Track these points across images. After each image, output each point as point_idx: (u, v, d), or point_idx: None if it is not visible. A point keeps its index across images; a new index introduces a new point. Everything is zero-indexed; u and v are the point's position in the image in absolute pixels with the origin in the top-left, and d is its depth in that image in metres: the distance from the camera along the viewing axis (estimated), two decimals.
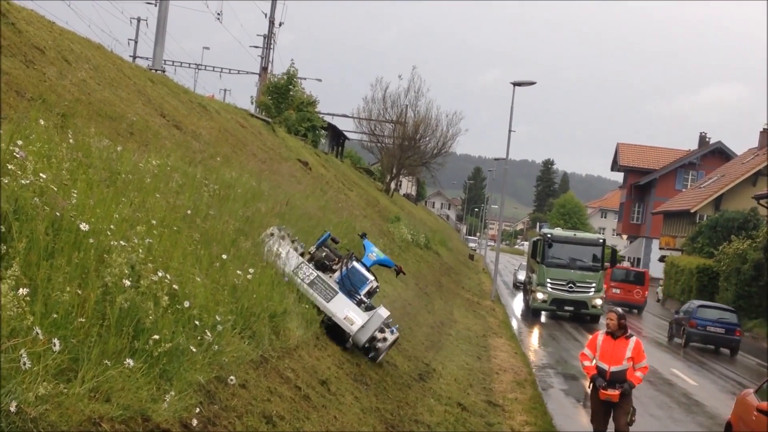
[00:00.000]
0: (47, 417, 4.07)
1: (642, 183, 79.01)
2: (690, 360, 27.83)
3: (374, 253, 12.69)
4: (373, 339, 11.57)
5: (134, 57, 58.28)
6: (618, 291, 45.97)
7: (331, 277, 11.55)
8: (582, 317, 35.39)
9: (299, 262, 11.04)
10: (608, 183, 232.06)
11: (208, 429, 5.77)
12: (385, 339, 11.78)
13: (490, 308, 34.45)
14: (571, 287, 34.42)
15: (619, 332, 11.78)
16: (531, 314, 36.11)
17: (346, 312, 10.90)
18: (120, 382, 4.90)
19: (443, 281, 36.55)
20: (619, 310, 12.01)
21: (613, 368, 11.67)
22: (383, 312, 11.61)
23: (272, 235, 11.12)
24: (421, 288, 27.41)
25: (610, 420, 11.94)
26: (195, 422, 5.55)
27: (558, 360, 23.61)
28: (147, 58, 49.21)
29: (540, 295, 34.84)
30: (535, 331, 31.05)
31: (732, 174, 61.27)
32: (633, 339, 11.81)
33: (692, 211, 59.78)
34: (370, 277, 11.99)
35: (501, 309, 35.69)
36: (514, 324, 31.63)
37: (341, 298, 11.01)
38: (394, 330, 12.10)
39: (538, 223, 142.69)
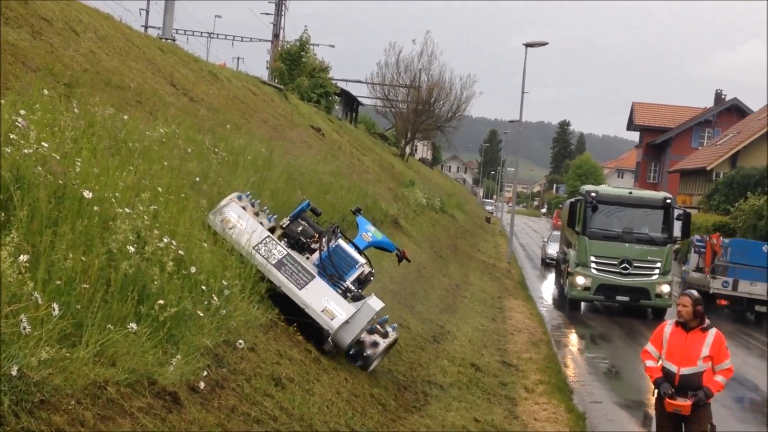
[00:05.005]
0: (51, 381, 4.14)
1: (658, 142, 78.38)
2: (726, 329, 26.86)
3: (369, 233, 10.18)
4: (360, 343, 9.32)
5: (146, 27, 58.10)
6: None
7: (308, 258, 9.25)
8: (642, 311, 25.51)
9: (263, 237, 8.72)
10: (625, 143, 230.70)
11: (216, 392, 5.85)
12: (375, 343, 9.50)
13: (506, 270, 34.44)
14: (625, 268, 24.54)
15: (693, 322, 8.88)
16: (568, 307, 25.92)
17: (324, 303, 8.48)
18: (125, 346, 4.97)
19: (459, 244, 36.53)
20: (695, 293, 9.08)
21: (684, 370, 8.81)
22: (375, 303, 9.06)
23: (230, 203, 8.90)
24: (435, 251, 27.44)
25: None
26: (202, 385, 5.63)
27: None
28: (159, 28, 49.06)
29: (581, 280, 24.80)
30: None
31: (748, 130, 60.62)
32: (712, 332, 8.90)
33: (708, 168, 59.28)
34: (361, 259, 9.60)
35: (517, 270, 35.64)
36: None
37: (318, 284, 8.64)
38: (390, 331, 9.80)
39: (554, 185, 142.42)
